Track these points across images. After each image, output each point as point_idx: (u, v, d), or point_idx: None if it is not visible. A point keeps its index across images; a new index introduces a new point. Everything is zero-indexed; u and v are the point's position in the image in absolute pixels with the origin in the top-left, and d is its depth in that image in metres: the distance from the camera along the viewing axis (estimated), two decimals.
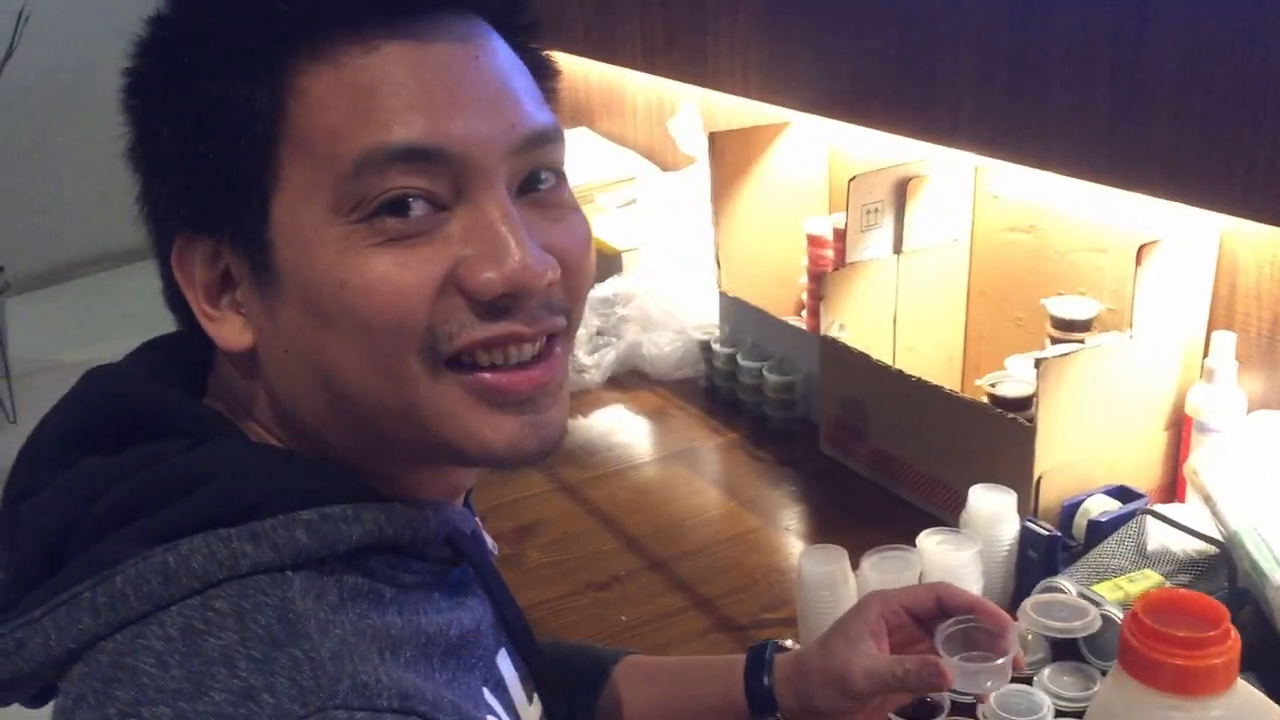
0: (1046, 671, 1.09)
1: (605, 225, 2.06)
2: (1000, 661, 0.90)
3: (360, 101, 0.59)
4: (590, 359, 1.81)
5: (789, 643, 1.00)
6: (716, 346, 1.74)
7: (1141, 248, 1.24)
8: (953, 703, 1.06)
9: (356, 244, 0.59)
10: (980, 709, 1.05)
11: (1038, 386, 1.24)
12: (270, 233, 0.61)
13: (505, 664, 0.72)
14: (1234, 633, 0.66)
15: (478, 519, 0.81)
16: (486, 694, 0.67)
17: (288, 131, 0.60)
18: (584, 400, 1.76)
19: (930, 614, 0.94)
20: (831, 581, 1.13)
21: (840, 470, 1.53)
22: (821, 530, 1.42)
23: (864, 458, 1.51)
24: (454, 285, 0.61)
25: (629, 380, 1.82)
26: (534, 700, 0.75)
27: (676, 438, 1.66)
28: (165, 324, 0.70)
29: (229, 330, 0.64)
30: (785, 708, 0.94)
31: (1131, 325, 1.27)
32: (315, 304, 0.60)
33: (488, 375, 0.63)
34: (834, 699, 0.91)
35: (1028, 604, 1.09)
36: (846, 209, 1.51)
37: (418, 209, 0.60)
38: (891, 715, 1.04)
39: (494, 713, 0.67)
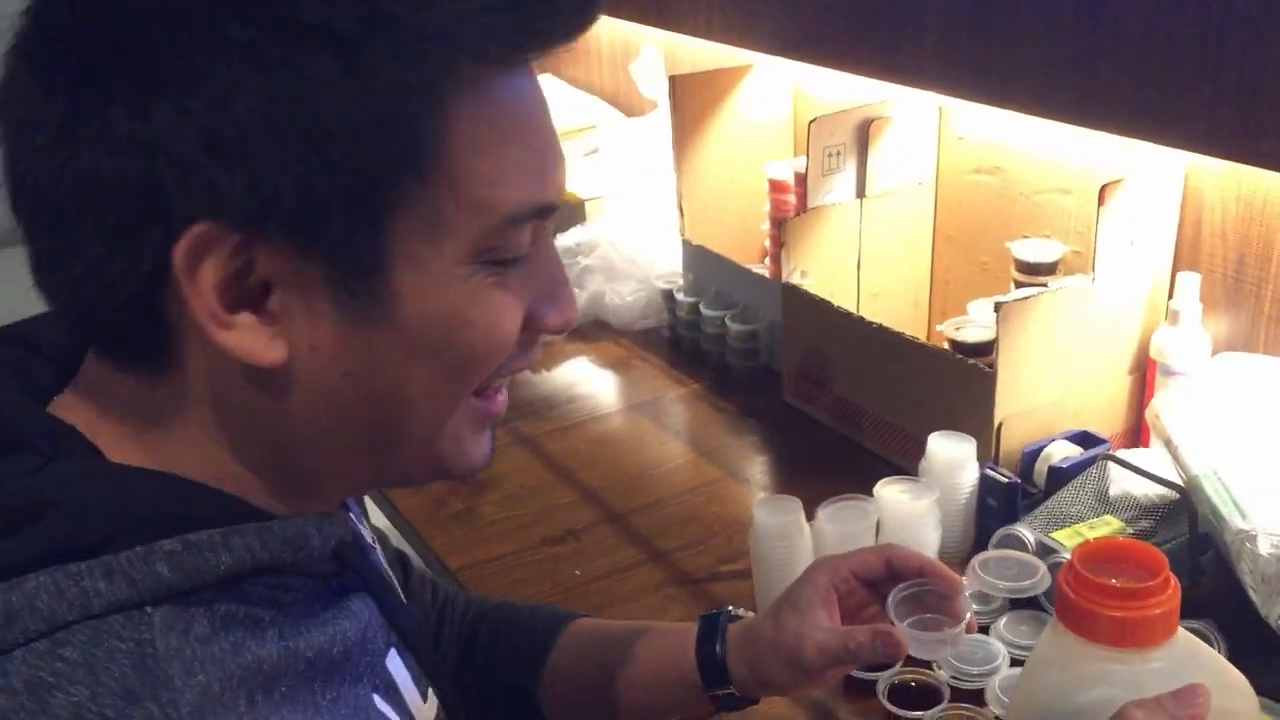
0: (1003, 620, 1.07)
1: (568, 174, 2.01)
2: (955, 630, 0.88)
3: (508, 150, 0.57)
4: None
5: (743, 611, 0.98)
6: (679, 296, 1.71)
7: (1104, 187, 1.21)
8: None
9: (483, 283, 0.58)
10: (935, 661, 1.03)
11: (998, 331, 1.21)
12: (384, 256, 0.55)
13: (396, 665, 0.69)
14: (1174, 582, 0.63)
15: (354, 513, 0.78)
16: (377, 700, 0.65)
17: (436, 159, 0.54)
18: (546, 352, 1.73)
19: (880, 577, 0.92)
20: (786, 532, 1.11)
21: (803, 420, 1.51)
22: (782, 481, 1.39)
23: (826, 407, 1.48)
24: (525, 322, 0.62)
25: (591, 331, 1.79)
26: (429, 697, 0.72)
27: (639, 389, 1.63)
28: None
29: (252, 340, 0.55)
30: (738, 678, 0.91)
31: (1094, 267, 1.24)
32: (425, 336, 0.57)
33: (498, 398, 0.65)
34: (787, 672, 0.89)
35: (976, 563, 1.07)
36: (807, 152, 1.48)
37: None
38: (885, 702, 1.01)
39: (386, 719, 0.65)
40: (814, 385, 1.50)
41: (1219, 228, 1.24)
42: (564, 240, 1.88)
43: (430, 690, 0.73)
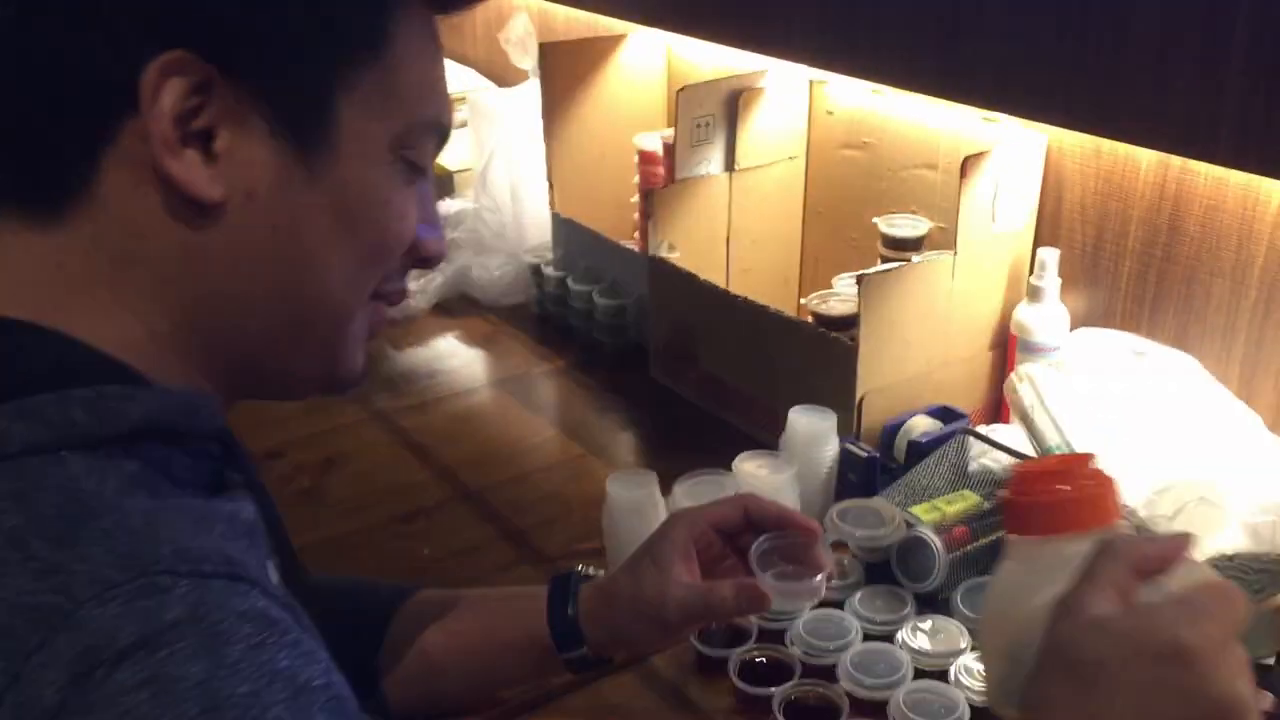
0: (858, 595, 1.05)
1: None
2: (817, 580, 0.86)
3: (430, 70, 0.65)
4: (416, 284, 1.71)
5: (594, 570, 0.94)
6: (547, 270, 1.66)
7: (966, 160, 1.19)
8: (760, 629, 1.02)
9: (398, 178, 0.64)
10: (788, 634, 1.01)
11: (860, 304, 1.19)
12: (332, 115, 0.60)
13: (273, 576, 0.64)
14: (1105, 470, 0.62)
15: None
16: (321, 653, 0.60)
17: (384, 53, 0.61)
18: (408, 327, 1.67)
19: (738, 528, 0.90)
20: (639, 507, 1.07)
21: (670, 396, 1.48)
22: (646, 458, 1.36)
23: (693, 383, 1.45)
24: None
25: (458, 306, 1.73)
26: None
27: (502, 365, 1.58)
28: None
29: (195, 175, 0.57)
30: (592, 640, 0.89)
31: (956, 242, 1.23)
32: (349, 208, 0.62)
33: (383, 310, 0.70)
34: (646, 630, 0.87)
35: (834, 512, 1.06)
36: (675, 123, 1.44)
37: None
38: (696, 643, 1.00)
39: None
40: (681, 361, 1.46)
41: (1078, 204, 1.24)
42: None
43: None
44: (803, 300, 1.36)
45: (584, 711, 0.96)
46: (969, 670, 0.96)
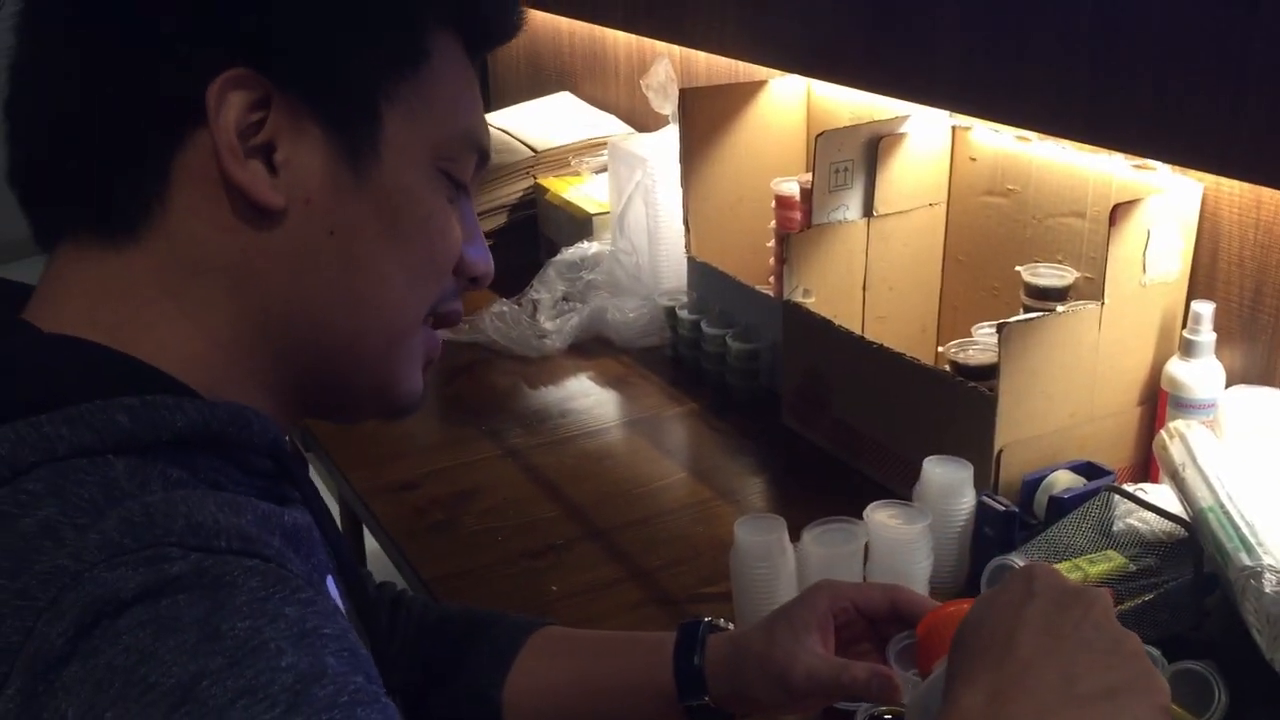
0: None
1: (580, 190, 1.99)
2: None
3: (464, 93, 0.69)
4: (552, 324, 1.74)
5: (722, 622, 0.93)
6: (682, 313, 1.67)
7: (1116, 208, 1.16)
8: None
9: (439, 190, 0.67)
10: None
11: (1000, 354, 1.16)
12: (378, 127, 0.64)
13: (334, 591, 0.66)
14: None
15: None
16: (340, 619, 0.61)
17: (422, 68, 0.65)
18: (543, 367, 1.70)
19: (882, 616, 0.88)
20: (768, 553, 1.06)
21: (800, 442, 1.46)
22: (775, 503, 1.34)
23: (825, 429, 1.43)
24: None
25: (593, 347, 1.75)
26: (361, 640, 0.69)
27: (634, 406, 1.59)
28: None
29: (259, 184, 0.61)
30: (715, 691, 0.88)
31: (1104, 291, 1.19)
32: (396, 214, 0.65)
33: (437, 336, 0.72)
34: (770, 691, 0.85)
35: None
36: (813, 167, 1.44)
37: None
38: None
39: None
40: (813, 407, 1.45)
41: (1236, 255, 1.19)
42: (569, 255, 1.84)
43: (363, 638, 0.69)
44: (940, 349, 1.34)
45: None
46: None
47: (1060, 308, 1.28)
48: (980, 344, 1.30)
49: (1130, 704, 0.56)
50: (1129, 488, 1.17)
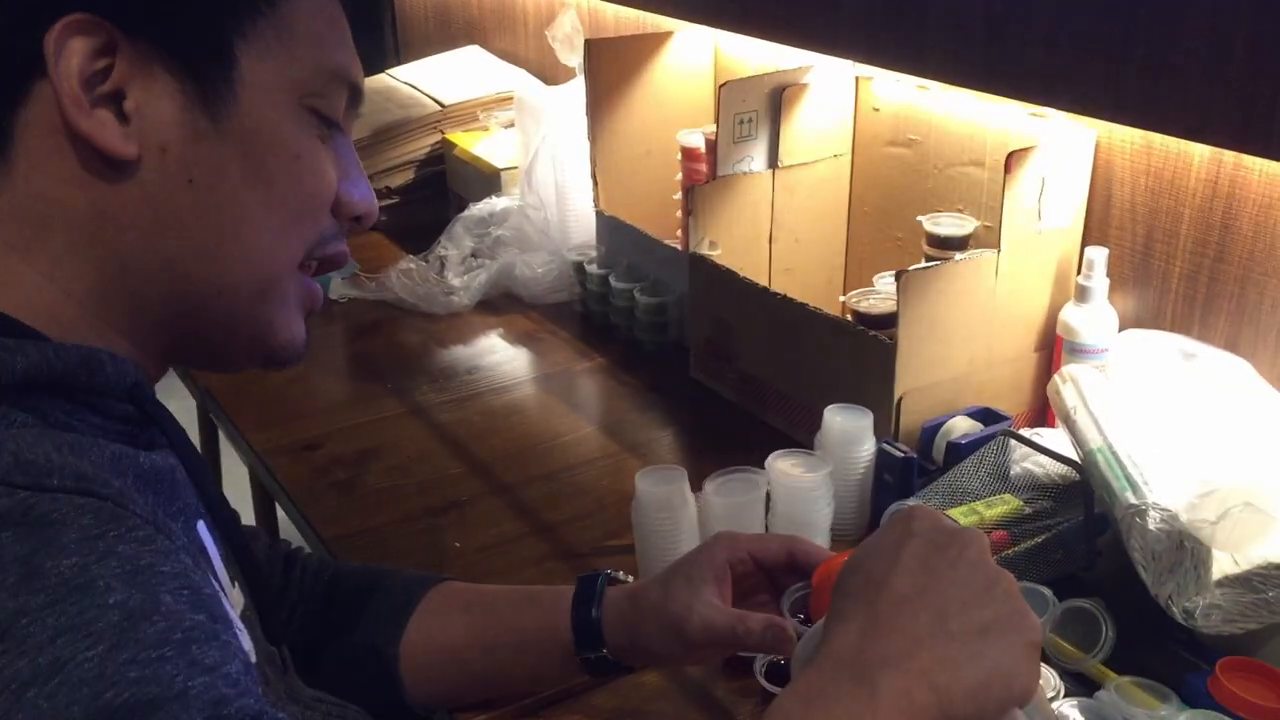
0: None
1: (489, 145, 1.96)
2: None
3: (334, 28, 0.67)
4: (460, 281, 1.72)
5: (622, 575, 0.93)
6: (590, 268, 1.66)
7: (1010, 155, 1.17)
8: None
9: (308, 129, 0.65)
10: None
11: (899, 302, 1.17)
12: (232, 65, 0.62)
13: (205, 535, 0.64)
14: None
15: None
16: (183, 558, 0.59)
17: (276, 6, 0.64)
18: (451, 324, 1.67)
19: (780, 566, 0.89)
20: (669, 503, 1.06)
21: (709, 395, 1.46)
22: (682, 455, 1.34)
23: (731, 382, 1.44)
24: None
25: (501, 304, 1.73)
26: (236, 585, 0.67)
27: (543, 362, 1.57)
28: None
29: (109, 133, 0.58)
30: (613, 644, 0.88)
31: (1000, 239, 1.20)
32: (260, 158, 0.62)
33: (316, 286, 0.70)
34: (667, 643, 0.85)
35: None
36: (717, 119, 1.43)
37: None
38: (762, 680, 0.96)
39: (199, 560, 0.60)
40: (719, 360, 1.45)
41: (1129, 202, 1.21)
42: (477, 210, 1.82)
43: (238, 582, 0.68)
44: (840, 298, 1.34)
45: (605, 710, 0.95)
46: None
47: (959, 256, 1.29)
48: (881, 293, 1.31)
49: (1001, 641, 0.56)
50: (1025, 432, 1.19)
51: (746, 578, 0.88)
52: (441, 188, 2.04)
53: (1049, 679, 0.93)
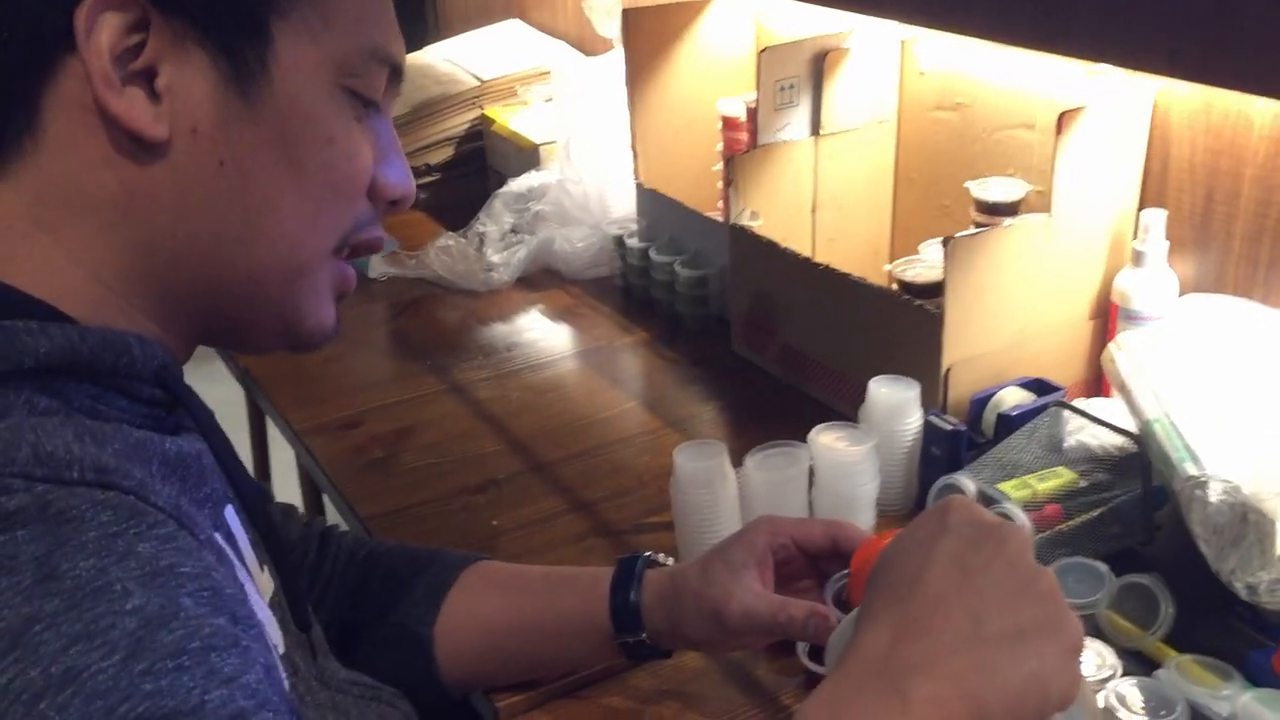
0: None
1: (527, 119, 1.93)
2: None
3: (377, 2, 0.64)
4: (499, 257, 1.70)
5: (663, 558, 0.91)
6: (630, 242, 1.63)
7: (1062, 115, 1.12)
8: None
9: (344, 110, 0.63)
10: None
11: (945, 270, 1.13)
12: (267, 45, 0.59)
13: (234, 521, 0.62)
14: None
15: None
16: (217, 538, 0.57)
17: None
18: (491, 301, 1.65)
19: (823, 551, 0.86)
20: (709, 479, 1.03)
21: (750, 369, 1.43)
22: (723, 430, 1.32)
23: (774, 355, 1.40)
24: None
25: (541, 279, 1.71)
26: (265, 569, 0.66)
27: (583, 337, 1.55)
28: None
29: (139, 113, 0.57)
30: (652, 628, 0.86)
31: (1052, 203, 1.15)
32: (294, 141, 0.60)
33: (349, 270, 0.68)
34: (706, 629, 0.83)
35: None
36: (758, 85, 1.39)
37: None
38: (805, 660, 0.94)
39: (225, 550, 0.58)
40: (761, 333, 1.42)
41: (1187, 161, 1.16)
42: (516, 186, 1.80)
43: (267, 567, 0.66)
44: (885, 267, 1.30)
45: (644, 691, 0.93)
46: None
47: (1008, 222, 1.24)
48: (927, 261, 1.27)
49: (1039, 645, 0.53)
50: (1079, 403, 1.14)
51: (789, 563, 0.86)
52: (481, 164, 2.02)
53: (1105, 657, 0.89)
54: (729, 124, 1.55)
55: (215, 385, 0.63)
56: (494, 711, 0.91)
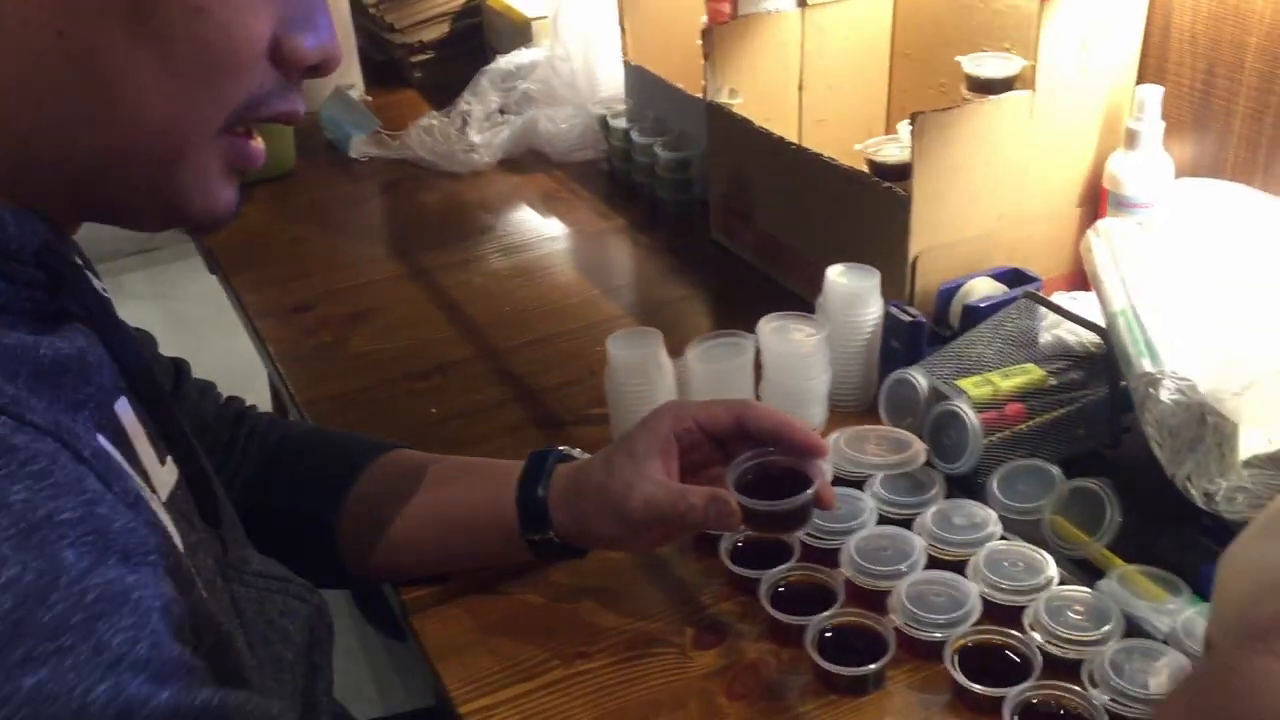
0: (879, 476, 0.94)
1: None
2: (797, 502, 0.76)
3: None
4: (481, 137, 1.63)
5: (577, 452, 0.86)
6: (615, 122, 1.55)
7: None
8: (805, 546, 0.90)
9: None
10: None
11: (914, 148, 1.04)
12: None
13: (127, 414, 0.58)
14: None
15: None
16: (102, 441, 0.53)
17: None
18: (469, 183, 1.59)
19: (730, 434, 0.81)
20: (642, 369, 0.98)
21: (728, 257, 1.36)
22: (693, 321, 1.25)
23: (750, 242, 1.33)
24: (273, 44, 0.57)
25: (527, 162, 1.64)
26: (167, 462, 0.61)
27: (560, 223, 1.48)
28: None
29: None
30: (559, 526, 0.81)
31: (1036, 77, 1.06)
32: (150, 10, 0.52)
33: (252, 144, 0.60)
34: (610, 523, 0.79)
35: (840, 438, 0.94)
36: None
37: None
38: (727, 561, 0.88)
39: (111, 458, 0.53)
40: (738, 219, 1.34)
41: (1188, 31, 1.05)
42: (503, 63, 1.71)
43: (169, 458, 0.61)
44: (855, 146, 1.21)
45: (564, 587, 0.88)
46: (991, 564, 0.84)
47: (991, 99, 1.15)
48: (901, 141, 1.18)
49: None
50: (1061, 296, 1.07)
51: (696, 449, 0.80)
52: (478, 41, 1.94)
53: (1043, 568, 0.83)
54: None
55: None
56: (401, 603, 0.88)
